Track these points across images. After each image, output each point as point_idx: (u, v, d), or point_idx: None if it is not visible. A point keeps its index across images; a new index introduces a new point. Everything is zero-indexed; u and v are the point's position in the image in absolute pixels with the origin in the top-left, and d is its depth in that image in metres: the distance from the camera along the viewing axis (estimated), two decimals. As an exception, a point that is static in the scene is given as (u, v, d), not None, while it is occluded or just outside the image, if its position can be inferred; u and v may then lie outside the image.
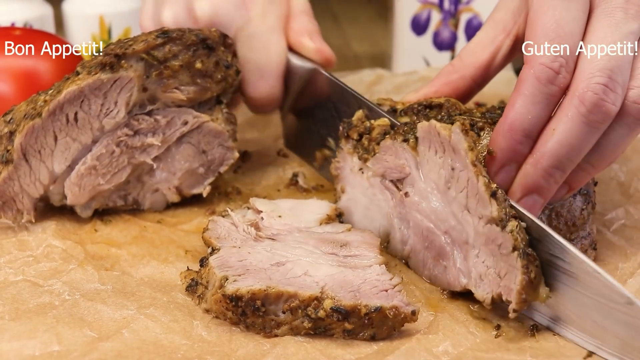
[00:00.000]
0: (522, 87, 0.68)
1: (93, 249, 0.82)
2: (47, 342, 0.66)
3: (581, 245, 0.75)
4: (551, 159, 0.68)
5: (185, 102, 0.87)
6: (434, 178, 0.73)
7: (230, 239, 0.77)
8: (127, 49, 0.81)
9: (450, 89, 0.82)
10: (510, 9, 0.79)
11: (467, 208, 0.69)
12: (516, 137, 0.68)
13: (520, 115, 0.68)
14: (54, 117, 0.80)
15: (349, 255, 0.74)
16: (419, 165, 0.74)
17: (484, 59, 0.80)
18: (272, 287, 0.67)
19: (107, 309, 0.71)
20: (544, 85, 0.68)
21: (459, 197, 0.70)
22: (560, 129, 0.67)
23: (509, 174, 0.70)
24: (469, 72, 0.81)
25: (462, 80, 0.81)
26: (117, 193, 0.88)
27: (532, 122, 0.68)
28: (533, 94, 0.68)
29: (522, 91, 0.68)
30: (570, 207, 0.75)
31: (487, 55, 0.80)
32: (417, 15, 1.30)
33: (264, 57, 0.90)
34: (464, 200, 0.70)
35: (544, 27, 0.69)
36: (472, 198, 0.69)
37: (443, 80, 0.82)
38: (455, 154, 0.70)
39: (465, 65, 0.81)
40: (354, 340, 0.67)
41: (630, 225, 0.84)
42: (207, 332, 0.68)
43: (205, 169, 0.90)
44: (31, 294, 0.73)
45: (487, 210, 0.67)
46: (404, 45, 1.32)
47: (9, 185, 0.82)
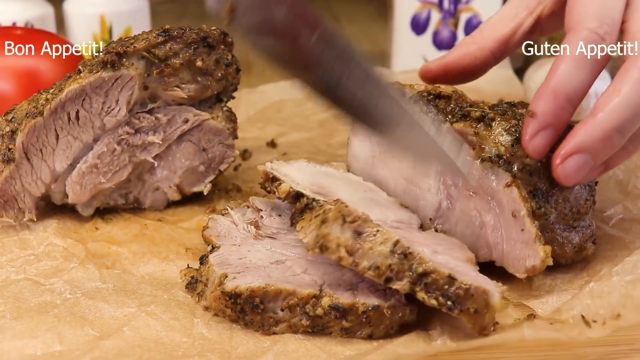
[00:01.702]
0: (566, 51, 0.68)
1: (94, 247, 0.82)
2: (48, 341, 0.66)
3: (582, 234, 0.76)
4: (615, 121, 0.65)
5: (186, 100, 0.87)
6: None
7: (230, 237, 0.77)
8: (128, 48, 0.81)
9: (469, 59, 0.81)
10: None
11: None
12: (559, 100, 0.67)
13: (564, 78, 0.67)
14: (56, 116, 0.81)
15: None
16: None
17: (504, 34, 0.80)
18: (271, 285, 0.67)
19: (108, 307, 0.71)
20: (589, 50, 0.67)
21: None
22: (626, 90, 0.66)
23: (546, 139, 0.69)
24: (488, 45, 0.81)
25: (480, 52, 0.81)
26: (118, 191, 0.88)
27: (575, 87, 0.67)
28: (578, 58, 0.67)
29: (566, 55, 0.68)
30: (578, 195, 0.76)
31: (508, 30, 0.80)
32: (416, 15, 1.31)
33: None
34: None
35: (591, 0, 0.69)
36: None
37: (463, 51, 0.82)
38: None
39: (484, 38, 0.81)
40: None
41: (628, 219, 0.85)
42: (208, 330, 0.69)
43: (206, 167, 0.90)
44: (32, 292, 0.73)
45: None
46: (404, 44, 1.32)
47: (11, 184, 0.82)
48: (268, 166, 0.82)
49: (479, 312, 0.64)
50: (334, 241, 0.65)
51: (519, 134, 0.72)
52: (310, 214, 0.69)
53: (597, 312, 0.67)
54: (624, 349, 0.67)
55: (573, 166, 0.68)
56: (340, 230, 0.65)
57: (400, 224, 0.76)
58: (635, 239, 0.81)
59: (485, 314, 0.64)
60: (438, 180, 0.78)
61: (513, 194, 0.71)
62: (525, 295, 0.74)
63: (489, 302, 0.64)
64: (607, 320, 0.65)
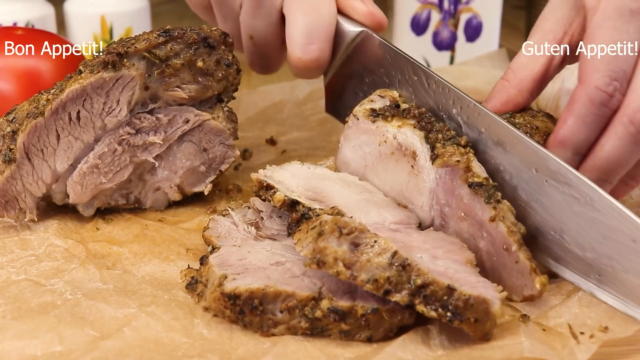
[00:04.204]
0: (575, 106, 0.71)
1: (95, 247, 0.82)
2: (48, 342, 0.66)
3: None
4: (600, 174, 0.72)
5: (187, 101, 0.87)
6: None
7: (231, 237, 0.77)
8: (129, 48, 0.81)
9: (513, 105, 0.82)
10: (559, 19, 0.80)
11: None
12: (567, 153, 0.73)
13: (571, 133, 0.72)
14: (57, 116, 0.81)
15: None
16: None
17: (538, 72, 0.80)
18: (270, 286, 0.67)
19: (109, 307, 0.71)
20: (597, 107, 0.71)
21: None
22: (608, 146, 0.71)
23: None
24: (526, 87, 0.81)
25: (520, 95, 0.82)
26: (119, 192, 0.88)
27: (582, 141, 0.72)
28: (585, 114, 0.71)
29: (575, 110, 0.72)
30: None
31: (541, 68, 0.80)
32: (416, 15, 1.31)
33: (314, 19, 0.86)
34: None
35: (602, 48, 0.71)
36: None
37: (504, 97, 0.81)
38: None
39: (521, 80, 0.81)
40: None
41: None
42: (208, 330, 0.69)
43: (207, 167, 0.91)
44: (33, 293, 0.73)
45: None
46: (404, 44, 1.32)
47: (12, 184, 0.82)
48: (261, 173, 0.81)
49: (479, 320, 0.64)
50: (331, 255, 0.65)
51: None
52: (306, 224, 0.69)
53: (584, 323, 0.68)
54: (624, 349, 0.67)
55: None
56: (337, 243, 0.65)
57: (399, 225, 0.76)
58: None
59: (485, 322, 0.64)
60: (431, 198, 0.78)
61: (499, 228, 0.71)
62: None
63: (489, 311, 0.64)
64: (594, 333, 0.66)
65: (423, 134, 0.79)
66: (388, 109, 0.83)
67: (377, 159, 0.83)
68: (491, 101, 0.82)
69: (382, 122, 0.82)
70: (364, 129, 0.84)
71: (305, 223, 0.70)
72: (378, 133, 0.82)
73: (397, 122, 0.81)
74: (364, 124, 0.84)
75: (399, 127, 0.81)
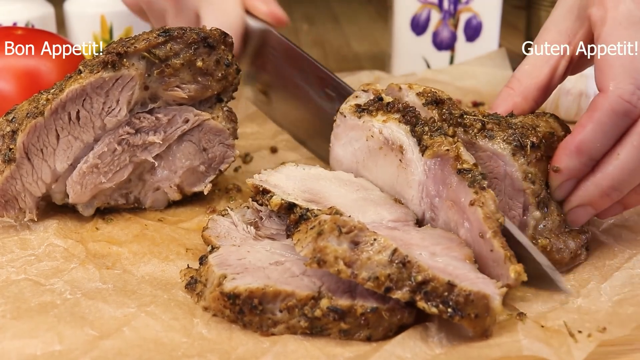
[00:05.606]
0: (597, 115, 0.72)
1: (94, 247, 0.82)
2: (48, 341, 0.66)
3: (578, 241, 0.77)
4: (612, 181, 0.73)
5: (186, 100, 0.87)
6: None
7: (230, 237, 0.77)
8: (129, 48, 0.81)
9: (519, 112, 0.82)
10: (562, 30, 0.81)
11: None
12: (582, 159, 0.73)
13: (589, 140, 0.72)
14: (56, 116, 0.81)
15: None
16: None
17: (542, 80, 0.81)
18: (270, 286, 0.67)
19: (108, 307, 0.71)
20: (620, 118, 0.71)
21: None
22: (624, 155, 0.72)
23: (569, 188, 0.76)
24: (531, 95, 0.82)
25: (526, 103, 0.82)
26: (119, 191, 0.88)
27: (599, 149, 0.73)
28: (605, 123, 0.72)
29: (595, 118, 0.72)
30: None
31: (545, 77, 0.81)
32: (416, 15, 1.31)
33: (225, 21, 0.96)
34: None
35: (621, 59, 0.71)
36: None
37: (509, 105, 0.83)
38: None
39: (525, 87, 0.82)
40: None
41: (619, 224, 0.85)
42: (208, 330, 0.69)
43: (206, 167, 0.91)
44: (33, 292, 0.74)
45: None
46: (404, 44, 1.32)
47: (12, 184, 0.82)
48: (257, 178, 0.82)
49: (479, 316, 0.64)
50: (332, 254, 0.65)
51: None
52: (305, 225, 0.69)
53: (583, 325, 0.68)
54: (623, 349, 0.67)
55: (578, 216, 0.77)
56: (337, 242, 0.65)
57: (397, 223, 0.76)
58: (624, 247, 0.81)
59: (486, 317, 0.65)
60: (420, 190, 0.78)
61: (477, 213, 0.70)
62: (510, 294, 0.73)
63: (490, 307, 0.64)
64: (592, 333, 0.66)
65: (408, 128, 0.79)
66: (372, 103, 0.83)
67: (367, 155, 0.84)
68: (497, 109, 0.83)
69: (367, 116, 0.83)
70: (351, 125, 0.85)
71: (304, 223, 0.70)
72: (365, 128, 0.83)
73: (382, 116, 0.82)
74: (351, 120, 0.85)
75: (384, 122, 0.81)
